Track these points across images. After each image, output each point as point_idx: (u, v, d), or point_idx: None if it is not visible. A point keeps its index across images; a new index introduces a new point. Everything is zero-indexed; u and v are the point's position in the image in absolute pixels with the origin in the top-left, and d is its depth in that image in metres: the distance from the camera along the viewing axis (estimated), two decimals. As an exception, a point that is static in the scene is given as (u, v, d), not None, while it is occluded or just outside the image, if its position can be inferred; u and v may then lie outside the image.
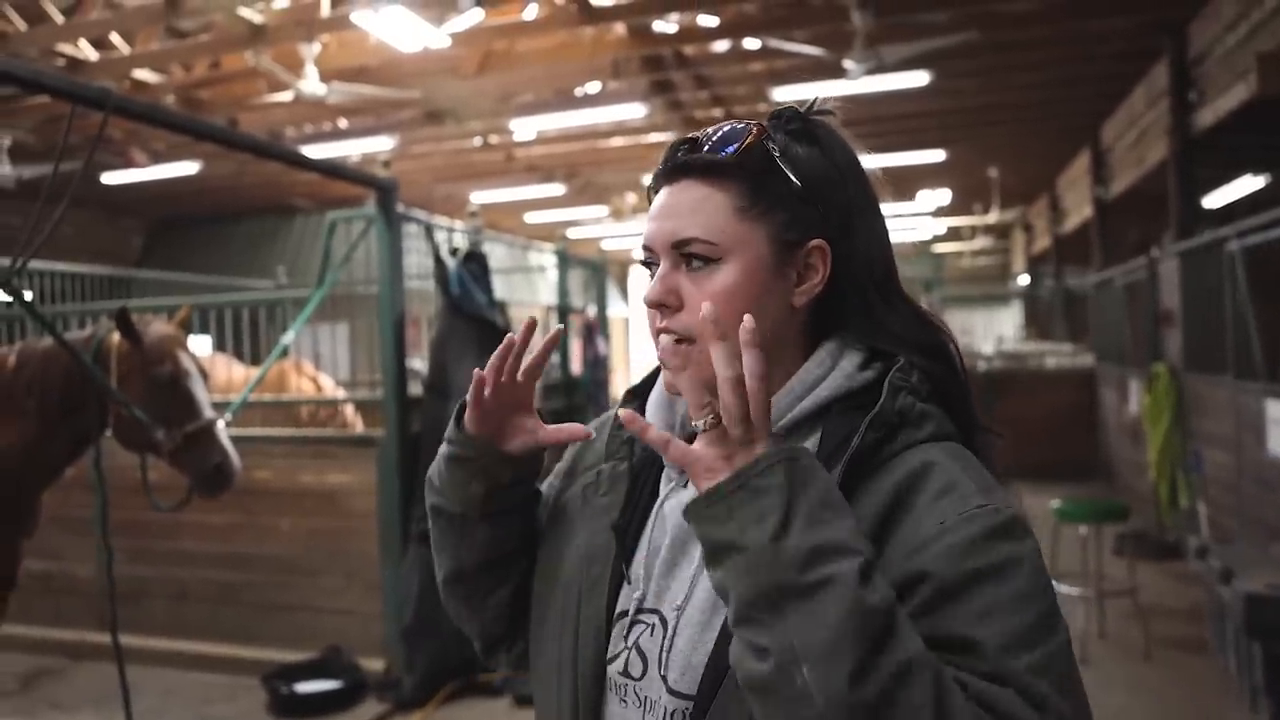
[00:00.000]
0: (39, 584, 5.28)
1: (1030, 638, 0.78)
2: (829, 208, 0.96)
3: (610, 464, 1.08)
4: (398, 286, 4.80)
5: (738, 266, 0.93)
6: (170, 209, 13.91)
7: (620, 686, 0.97)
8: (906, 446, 0.90)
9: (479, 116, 9.31)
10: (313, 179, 11.74)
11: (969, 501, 0.84)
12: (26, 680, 4.91)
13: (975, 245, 17.69)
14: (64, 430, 3.17)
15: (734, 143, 0.95)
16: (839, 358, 0.97)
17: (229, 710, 4.43)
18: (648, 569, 0.99)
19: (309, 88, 6.70)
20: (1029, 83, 9.33)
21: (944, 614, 0.79)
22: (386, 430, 4.79)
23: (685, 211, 0.95)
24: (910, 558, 0.81)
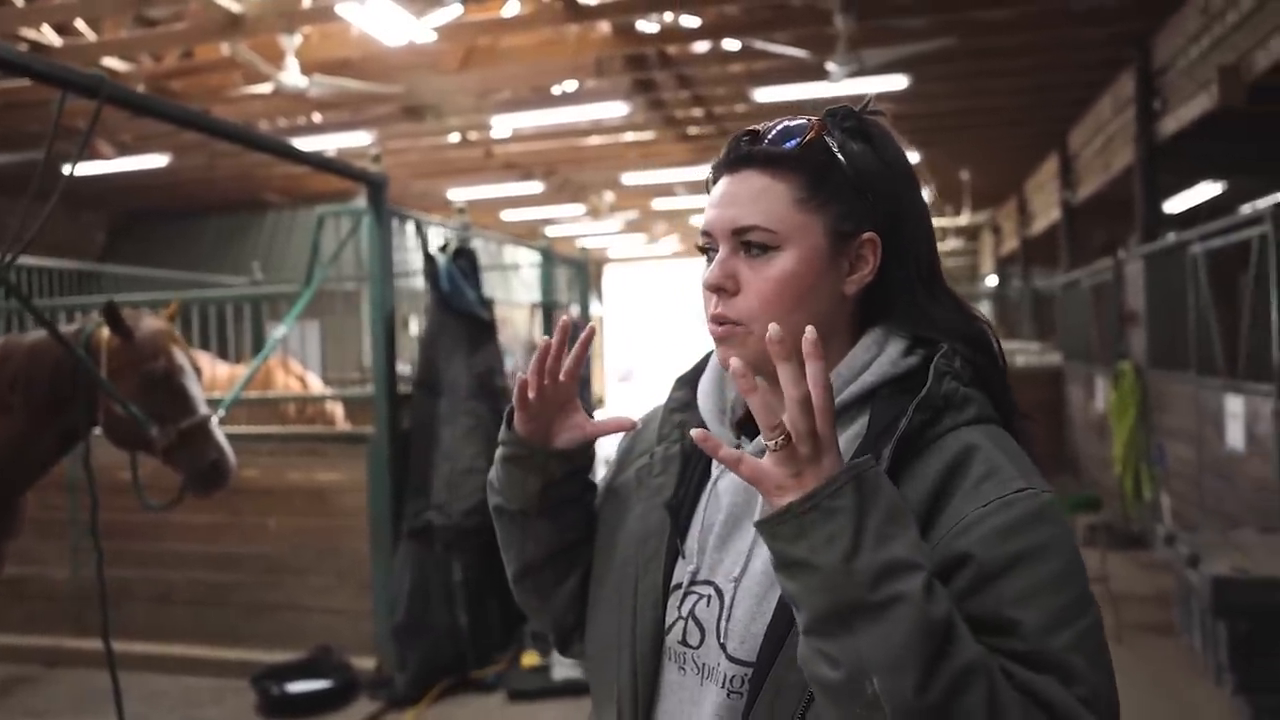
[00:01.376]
0: (11, 590, 5.11)
1: (1066, 617, 0.83)
2: (880, 202, 1.00)
3: (663, 446, 1.13)
4: (388, 283, 4.75)
5: (795, 254, 0.98)
6: (136, 203, 13.63)
7: (679, 655, 1.02)
8: (952, 428, 0.94)
9: (460, 113, 9.25)
10: (287, 174, 11.61)
11: (1009, 485, 0.88)
12: (3, 687, 4.80)
13: (946, 246, 17.89)
14: (51, 427, 3.08)
15: (796, 137, 0.99)
16: (884, 344, 1.01)
17: (217, 713, 4.36)
18: (701, 543, 1.04)
19: (290, 80, 6.60)
20: (1002, 88, 9.50)
21: (986, 595, 0.83)
22: (377, 427, 4.75)
23: (747, 200, 0.99)
24: (955, 539, 0.86)
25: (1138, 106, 8.22)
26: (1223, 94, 6.40)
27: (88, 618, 5.12)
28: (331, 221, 5.08)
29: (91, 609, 5.14)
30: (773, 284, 0.97)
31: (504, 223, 16.38)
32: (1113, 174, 9.52)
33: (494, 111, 9.15)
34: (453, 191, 12.68)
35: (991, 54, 8.33)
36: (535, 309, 7.04)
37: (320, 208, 5.06)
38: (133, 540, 5.05)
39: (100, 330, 3.16)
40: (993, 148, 12.27)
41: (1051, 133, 11.47)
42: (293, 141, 9.46)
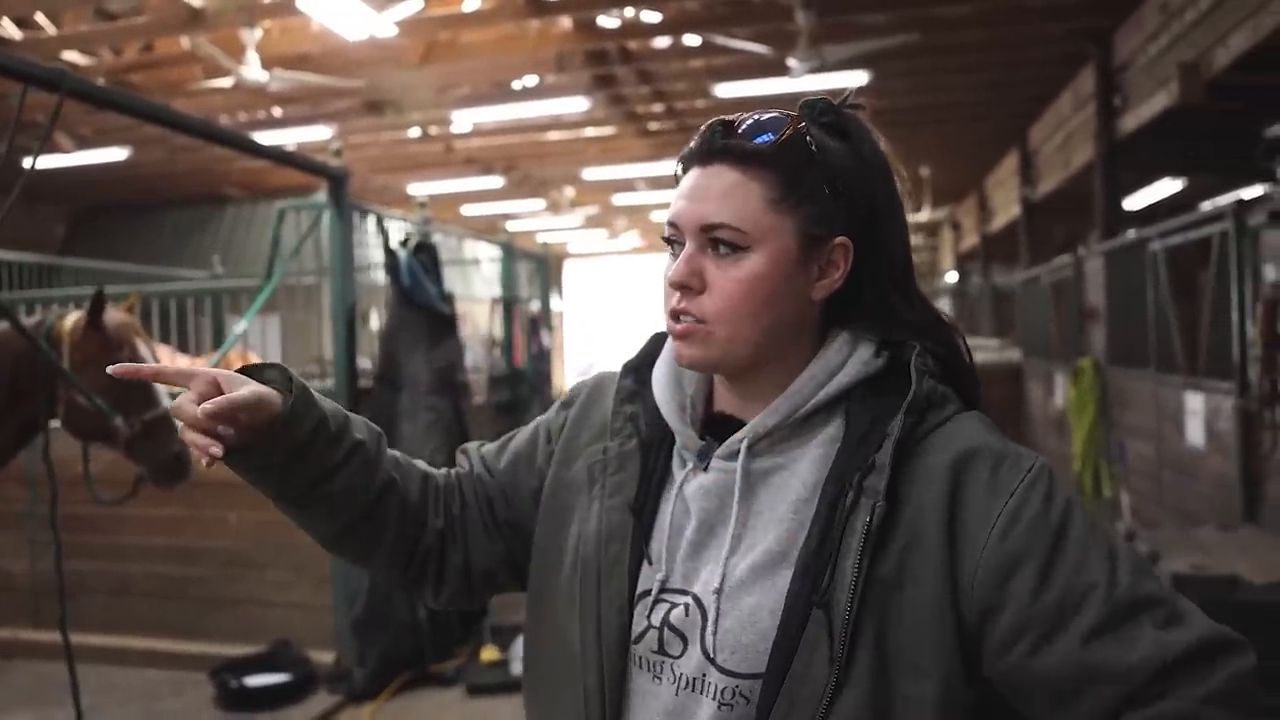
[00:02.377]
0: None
1: (1113, 556, 0.90)
2: (855, 203, 0.98)
3: (617, 441, 1.08)
4: (349, 278, 4.76)
5: (764, 256, 0.95)
6: (96, 196, 13.49)
7: (654, 664, 0.99)
8: (937, 425, 0.96)
9: (420, 108, 9.24)
10: (247, 168, 11.52)
11: (1022, 466, 0.93)
12: (-50, 678, 4.77)
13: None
14: (10, 419, 3.08)
15: (771, 132, 0.96)
16: (855, 346, 1.01)
17: (176, 705, 4.36)
18: (670, 550, 1.01)
19: (250, 74, 6.57)
20: (962, 84, 9.62)
21: (1057, 575, 0.88)
22: (337, 421, 4.75)
23: (717, 196, 0.96)
24: (1004, 538, 0.89)
25: (1098, 103, 8.28)
26: (1183, 91, 6.47)
27: (45, 610, 5.07)
28: (292, 216, 5.08)
29: (49, 601, 5.09)
30: (739, 285, 0.95)
31: (465, 217, 16.34)
32: (1073, 170, 9.59)
33: (454, 106, 9.16)
34: (413, 186, 12.66)
35: (952, 50, 8.42)
36: (496, 304, 7.06)
37: (280, 202, 5.04)
38: (91, 533, 5.03)
39: (61, 323, 3.16)
40: (953, 144, 12.40)
41: (1012, 129, 11.57)
42: (253, 135, 9.40)
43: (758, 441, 0.99)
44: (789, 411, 0.98)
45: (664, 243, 1.03)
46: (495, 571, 1.17)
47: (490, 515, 1.17)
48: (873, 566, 0.90)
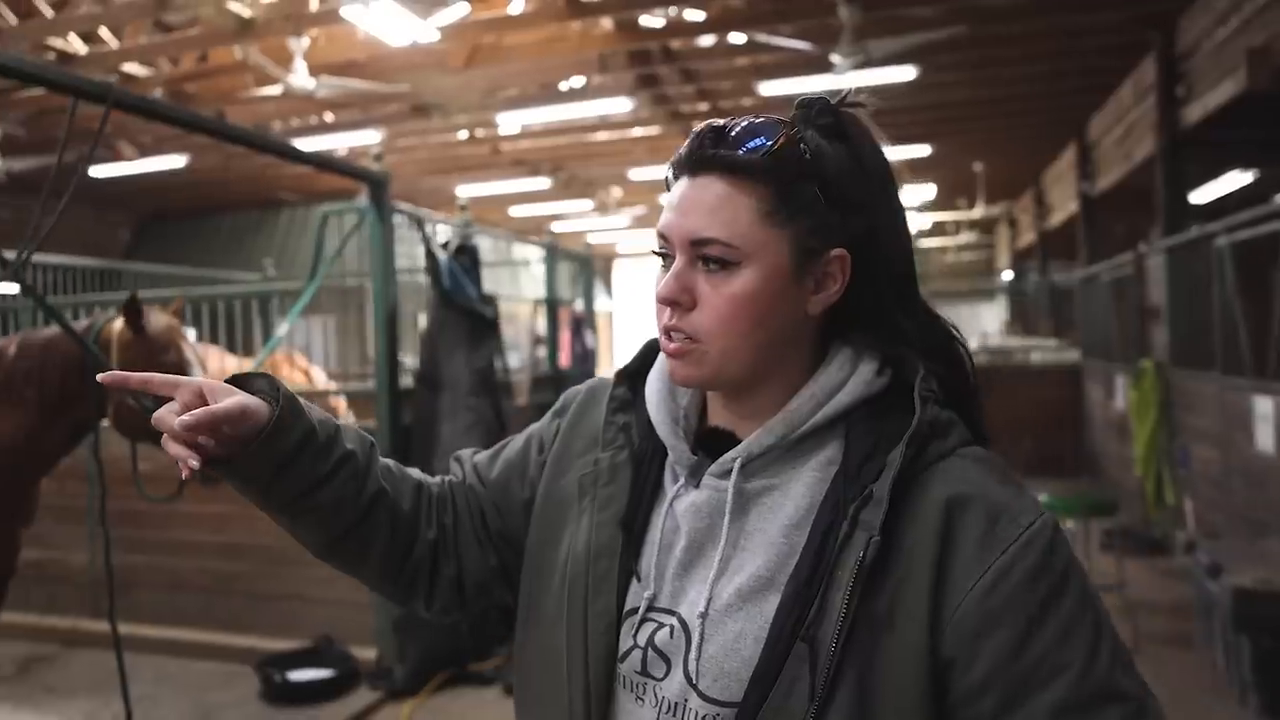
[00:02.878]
0: (34, 571, 5.25)
1: (1097, 637, 0.84)
2: (854, 211, 0.94)
3: (609, 453, 1.06)
4: (390, 280, 4.82)
5: (757, 272, 0.91)
6: (158, 202, 13.89)
7: (638, 685, 0.97)
8: (940, 456, 0.91)
9: (466, 110, 9.33)
10: (299, 173, 11.75)
11: (1020, 522, 0.87)
12: (23, 665, 4.95)
13: (960, 240, 17.77)
14: (62, 419, 3.20)
15: (763, 137, 0.91)
16: (857, 363, 0.97)
17: (224, 697, 4.47)
18: (659, 568, 0.98)
19: (298, 82, 6.71)
20: (1015, 77, 9.39)
21: (1034, 643, 0.83)
22: (378, 422, 4.83)
23: (707, 210, 0.92)
24: (987, 596, 0.84)
25: (1160, 93, 7.97)
26: (1251, 78, 6.18)
27: (104, 601, 5.23)
28: (336, 219, 5.17)
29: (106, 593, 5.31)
30: (731, 302, 0.91)
31: (512, 218, 16.47)
32: (1134, 164, 9.25)
33: (500, 108, 9.22)
34: (461, 188, 12.78)
35: (1004, 41, 8.20)
36: (539, 305, 7.10)
37: (324, 206, 5.14)
38: (145, 529, 5.20)
39: (110, 325, 3.28)
40: (1007, 138, 12.13)
41: (1069, 121, 11.23)
42: (304, 141, 9.62)
43: (751, 461, 0.95)
44: (785, 431, 0.95)
45: (656, 255, 0.99)
46: (488, 583, 1.16)
47: (482, 526, 1.16)
48: (862, 603, 0.86)
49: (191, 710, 4.33)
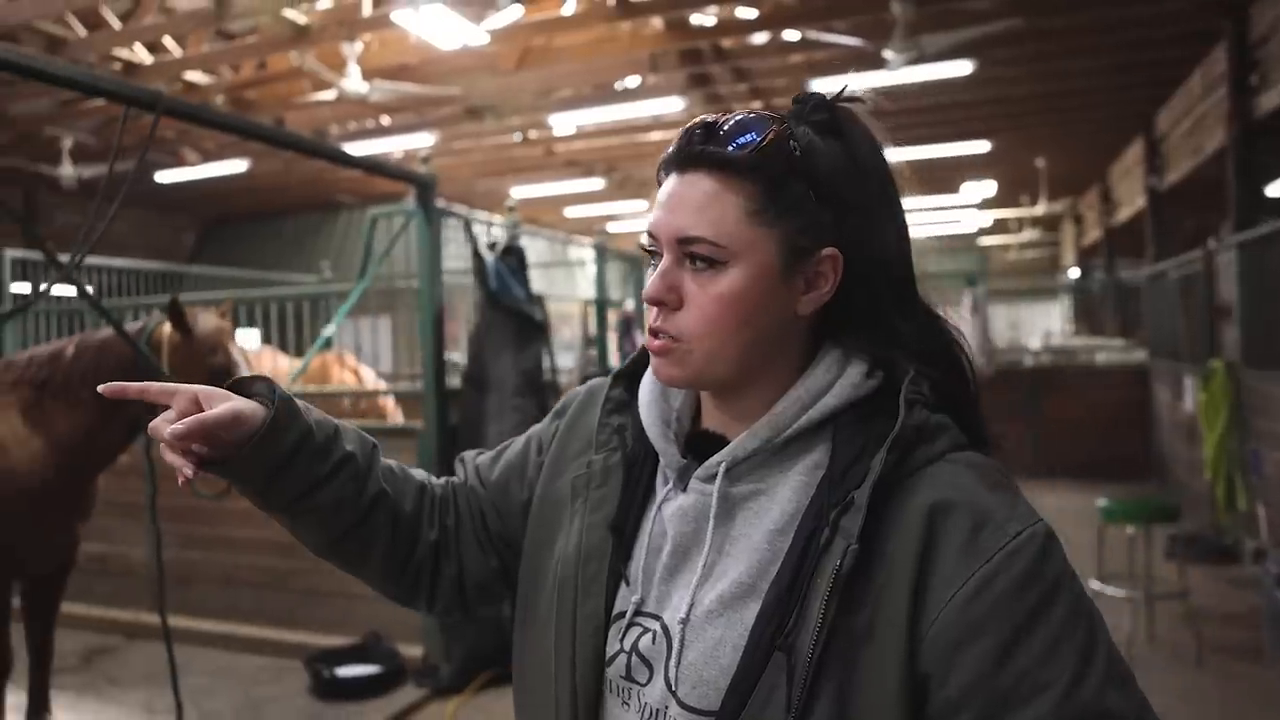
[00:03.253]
0: (97, 565, 5.47)
1: (1088, 655, 0.79)
2: (847, 211, 0.91)
3: (602, 455, 1.05)
4: (437, 281, 4.87)
5: (744, 272, 0.89)
6: (220, 206, 14.23)
7: (624, 690, 0.96)
8: (928, 461, 0.87)
9: (518, 112, 9.39)
10: (356, 176, 11.94)
11: (1007, 530, 0.82)
12: (86, 657, 5.08)
13: (1023, 238, 17.39)
14: (117, 418, 3.29)
15: (752, 135, 0.90)
16: (845, 364, 0.94)
17: (274, 691, 4.55)
18: (647, 571, 0.97)
19: (351, 86, 6.82)
20: (1077, 70, 9.13)
21: (1016, 659, 0.78)
22: (425, 422, 4.87)
23: (694, 207, 0.90)
24: (968, 605, 0.80)
25: (1231, 82, 7.67)
26: None
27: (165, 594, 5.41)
28: (385, 221, 5.24)
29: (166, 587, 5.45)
30: (717, 302, 0.89)
31: (568, 219, 16.54)
32: (1204, 157, 8.93)
33: (553, 110, 9.26)
34: (516, 189, 12.87)
35: (1063, 34, 7.97)
36: (589, 305, 7.12)
37: (373, 209, 5.21)
38: (200, 525, 5.33)
39: (162, 327, 3.38)
40: (1071, 133, 11.81)
41: (1136, 114, 10.88)
42: (360, 144, 9.77)
43: (736, 465, 0.94)
44: (770, 435, 0.93)
45: (644, 253, 0.98)
46: (489, 584, 1.16)
47: (483, 528, 1.16)
48: (841, 613, 0.82)
49: (243, 703, 4.41)
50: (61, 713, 4.02)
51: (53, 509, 3.29)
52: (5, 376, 3.31)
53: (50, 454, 3.22)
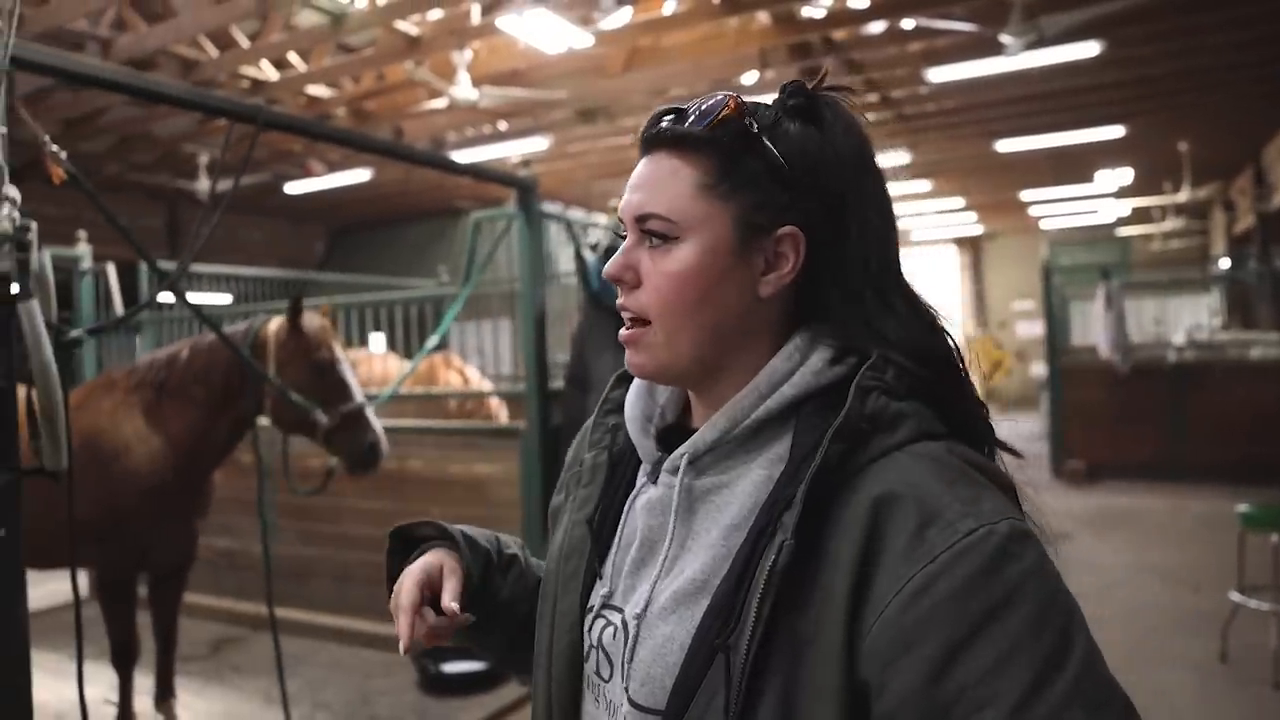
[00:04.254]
0: (226, 560, 5.76)
1: (1048, 671, 0.71)
2: (815, 193, 0.89)
3: (592, 454, 1.06)
4: (539, 283, 4.93)
5: (696, 247, 0.88)
6: (347, 215, 14.81)
7: (594, 686, 0.96)
8: (882, 453, 0.82)
9: (630, 113, 9.43)
10: (474, 182, 12.24)
11: (957, 528, 0.75)
12: (214, 646, 5.35)
13: (1166, 227, 16.44)
14: (226, 416, 3.49)
15: (709, 116, 0.89)
16: (808, 352, 0.90)
17: (385, 685, 4.68)
18: (617, 565, 0.97)
19: (461, 93, 6.97)
20: (1220, 44, 8.44)
21: (956, 672, 0.71)
22: (528, 422, 4.94)
23: (651, 185, 0.91)
24: (906, 610, 0.74)
25: (1403, 49, 7.10)
26: None
27: (285, 589, 5.64)
28: (489, 225, 5.34)
29: (287, 581, 5.70)
30: (668, 279, 0.89)
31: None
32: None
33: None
34: (636, 190, 12.91)
35: (1204, 7, 7.47)
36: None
37: (475, 213, 5.31)
38: (319, 522, 5.54)
39: (267, 326, 3.56)
40: (1218, 113, 10.96)
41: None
42: (476, 150, 10.00)
43: (699, 457, 0.92)
44: (727, 427, 0.90)
45: (617, 237, 0.99)
46: None
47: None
48: (785, 613, 0.79)
49: (354, 695, 4.56)
50: (187, 697, 4.24)
51: (172, 506, 3.49)
52: (129, 380, 3.52)
53: (168, 452, 3.41)
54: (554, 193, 12.37)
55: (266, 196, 12.14)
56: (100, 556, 3.40)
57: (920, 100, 9.85)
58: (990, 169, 13.43)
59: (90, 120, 8.98)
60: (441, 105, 8.17)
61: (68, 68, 2.45)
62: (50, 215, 8.60)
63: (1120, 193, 15.13)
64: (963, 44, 7.65)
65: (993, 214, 18.00)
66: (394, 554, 1.13)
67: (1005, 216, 18.32)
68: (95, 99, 8.25)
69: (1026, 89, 9.02)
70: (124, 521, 3.34)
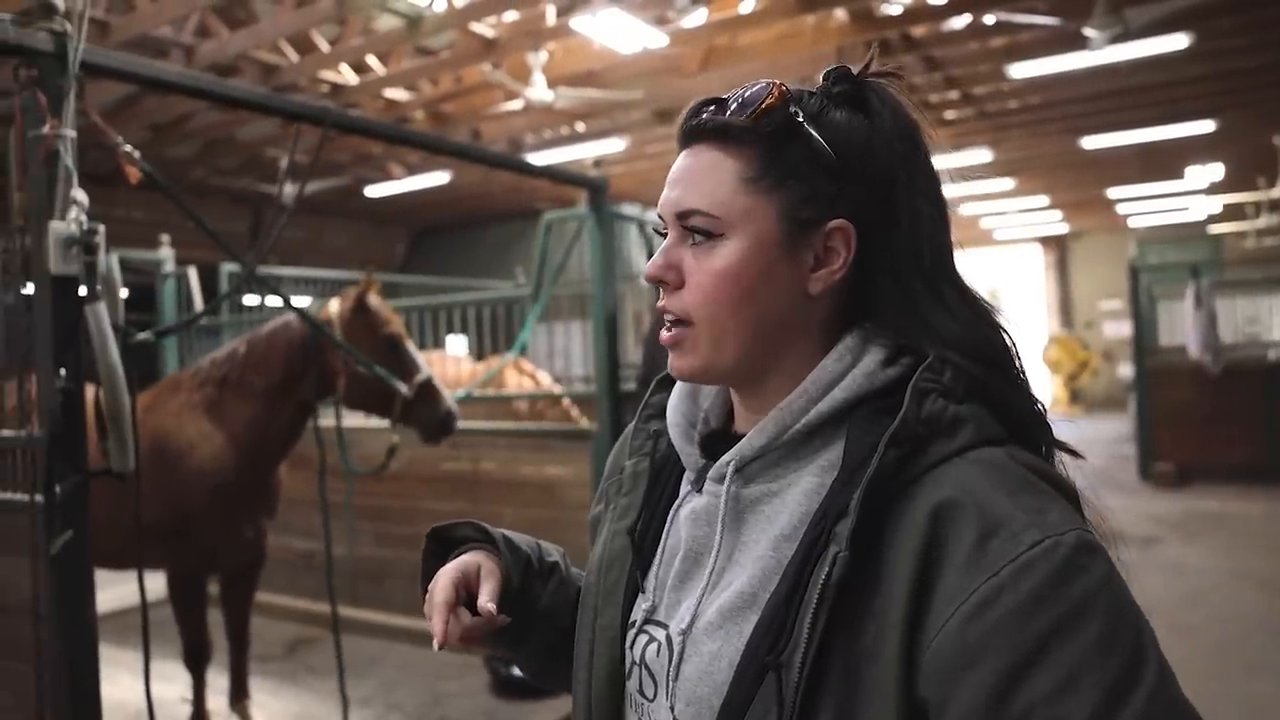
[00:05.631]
0: (304, 561, 5.84)
1: (1121, 690, 0.66)
2: (865, 184, 0.85)
3: (633, 460, 1.02)
4: (610, 283, 4.90)
5: (741, 244, 0.84)
6: (427, 217, 15.00)
7: (637, 705, 0.92)
8: (941, 459, 0.77)
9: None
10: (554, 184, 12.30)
11: (1021, 540, 0.71)
12: (291, 646, 5.42)
13: (1259, 224, 15.76)
14: (287, 403, 3.51)
15: (752, 104, 0.85)
16: (860, 353, 0.86)
17: (456, 687, 4.70)
18: (660, 578, 0.93)
19: (536, 94, 6.99)
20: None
21: (1021, 693, 0.67)
22: (599, 424, 4.91)
23: (692, 179, 0.87)
24: (968, 624, 0.69)
25: None
26: None
27: (360, 589, 5.73)
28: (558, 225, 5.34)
29: (362, 582, 5.77)
30: (713, 277, 0.85)
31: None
32: None
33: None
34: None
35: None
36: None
37: (547, 214, 5.32)
38: (394, 524, 5.59)
39: (325, 309, 3.63)
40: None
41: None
42: (553, 151, 10.02)
43: (746, 464, 0.87)
44: (776, 432, 0.85)
45: (658, 235, 0.94)
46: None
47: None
48: (841, 629, 0.74)
49: (426, 697, 4.58)
50: (262, 696, 4.31)
51: (239, 503, 3.51)
52: (194, 380, 3.58)
53: (232, 446, 3.43)
54: (631, 194, 12.37)
55: (348, 199, 12.36)
56: (169, 556, 3.43)
57: (1002, 97, 9.61)
58: (1075, 166, 13.06)
59: (177, 126, 9.24)
60: (518, 107, 8.21)
61: (135, 71, 2.48)
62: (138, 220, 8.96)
63: (1211, 189, 14.58)
64: (1046, 39, 7.44)
65: (1078, 212, 17.51)
66: (432, 556, 1.05)
67: (1091, 214, 17.81)
68: (181, 105, 8.48)
69: (1112, 84, 8.74)
70: (192, 521, 3.37)
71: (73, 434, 2.07)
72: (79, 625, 2.09)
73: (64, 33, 2.13)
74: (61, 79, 2.12)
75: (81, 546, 2.06)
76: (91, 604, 2.13)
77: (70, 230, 2.01)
